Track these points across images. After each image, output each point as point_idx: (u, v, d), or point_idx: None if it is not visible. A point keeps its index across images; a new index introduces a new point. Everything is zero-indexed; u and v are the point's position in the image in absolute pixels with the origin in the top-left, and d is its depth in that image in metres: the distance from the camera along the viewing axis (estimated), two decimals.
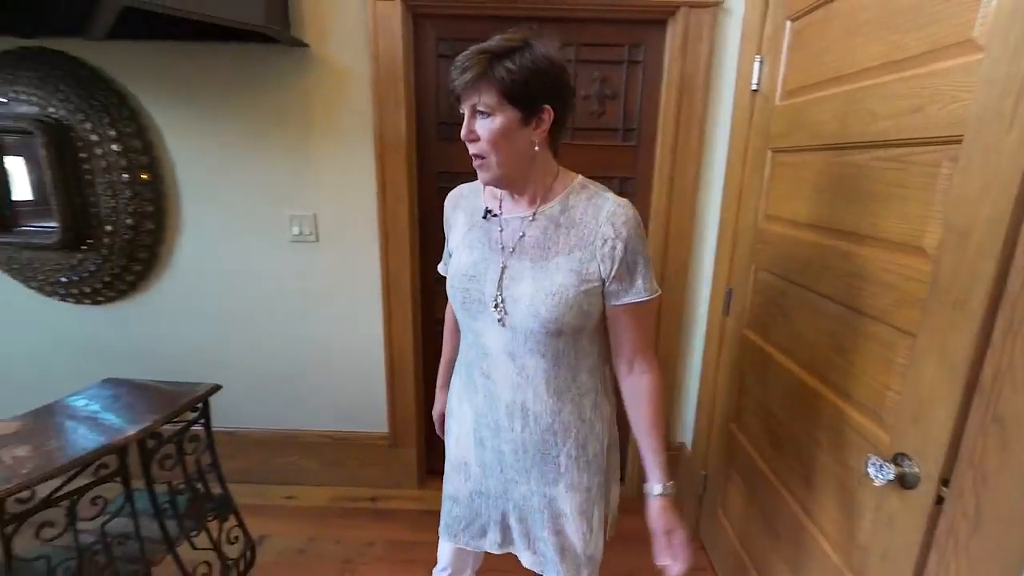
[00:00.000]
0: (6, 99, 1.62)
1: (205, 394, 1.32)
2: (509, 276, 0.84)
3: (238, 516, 1.46)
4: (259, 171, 1.74)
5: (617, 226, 0.80)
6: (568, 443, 0.90)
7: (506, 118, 0.76)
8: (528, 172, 0.82)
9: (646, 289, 0.83)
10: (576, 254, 0.81)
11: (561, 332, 0.82)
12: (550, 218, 0.84)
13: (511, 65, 0.74)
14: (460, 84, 0.76)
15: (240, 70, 1.66)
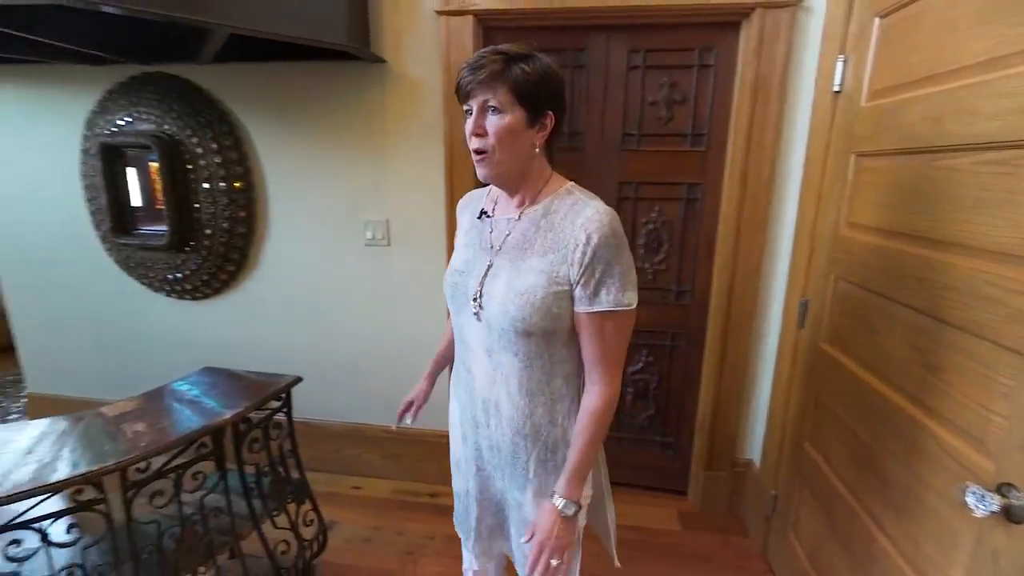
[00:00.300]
0: (131, 118, 1.85)
1: (287, 385, 1.43)
2: (491, 274, 0.87)
3: (313, 501, 1.56)
4: (338, 179, 1.87)
5: (589, 231, 0.79)
6: (537, 447, 0.90)
7: (515, 117, 0.79)
8: (524, 173, 0.85)
9: (610, 301, 0.80)
10: (549, 256, 0.82)
11: (531, 333, 0.83)
12: (532, 220, 0.86)
13: (526, 67, 0.78)
14: (475, 80, 0.78)
15: (323, 86, 1.80)
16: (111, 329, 2.20)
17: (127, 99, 1.86)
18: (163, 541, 1.19)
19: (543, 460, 0.91)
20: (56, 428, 1.18)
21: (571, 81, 1.73)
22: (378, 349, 2.02)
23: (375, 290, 1.95)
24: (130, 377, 2.17)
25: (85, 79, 1.93)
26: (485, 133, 0.80)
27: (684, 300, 1.85)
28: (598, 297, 0.80)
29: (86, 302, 2.19)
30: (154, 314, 2.13)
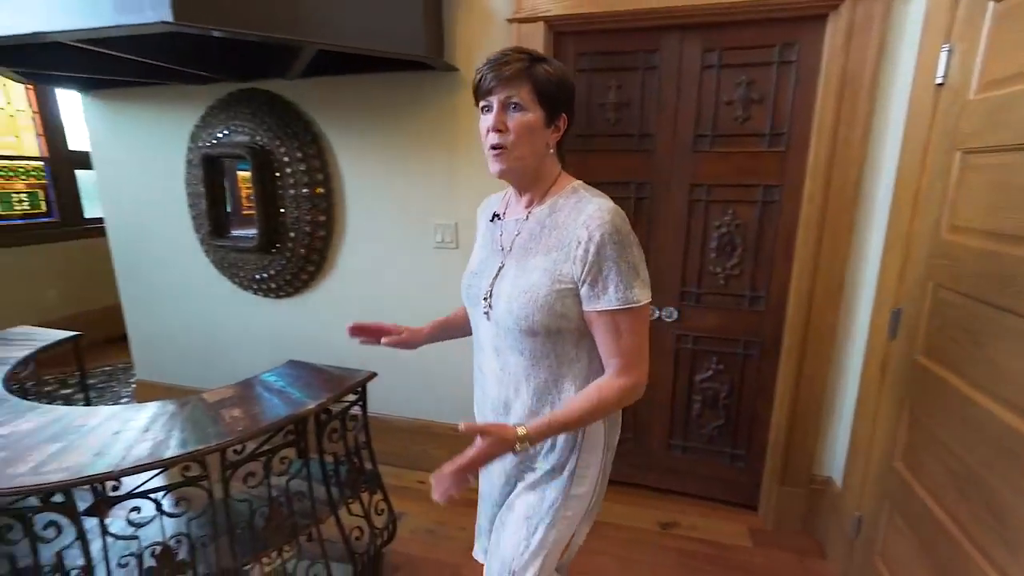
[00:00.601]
0: (228, 131, 2.03)
1: (364, 380, 1.51)
2: (502, 274, 0.89)
3: (384, 491, 1.63)
4: (411, 184, 1.95)
5: (591, 228, 0.79)
6: (545, 447, 0.90)
7: (535, 116, 0.81)
8: (537, 171, 0.87)
9: (618, 298, 0.79)
10: (553, 255, 0.83)
11: (535, 332, 0.83)
12: (538, 220, 0.87)
13: (548, 68, 0.81)
14: (500, 76, 0.79)
15: (398, 95, 1.88)
16: (207, 323, 2.41)
17: (225, 114, 2.04)
18: (254, 519, 1.29)
19: (552, 464, 0.91)
20: (166, 410, 1.31)
21: (641, 83, 1.71)
22: (446, 349, 2.07)
23: (443, 291, 2.01)
24: (222, 367, 2.38)
25: (191, 97, 2.14)
26: (505, 129, 0.81)
27: (758, 306, 1.77)
28: (606, 294, 0.80)
29: (187, 299, 2.42)
30: (243, 311, 2.32)
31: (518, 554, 0.90)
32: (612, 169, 1.79)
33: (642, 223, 1.81)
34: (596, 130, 1.79)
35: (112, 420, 1.25)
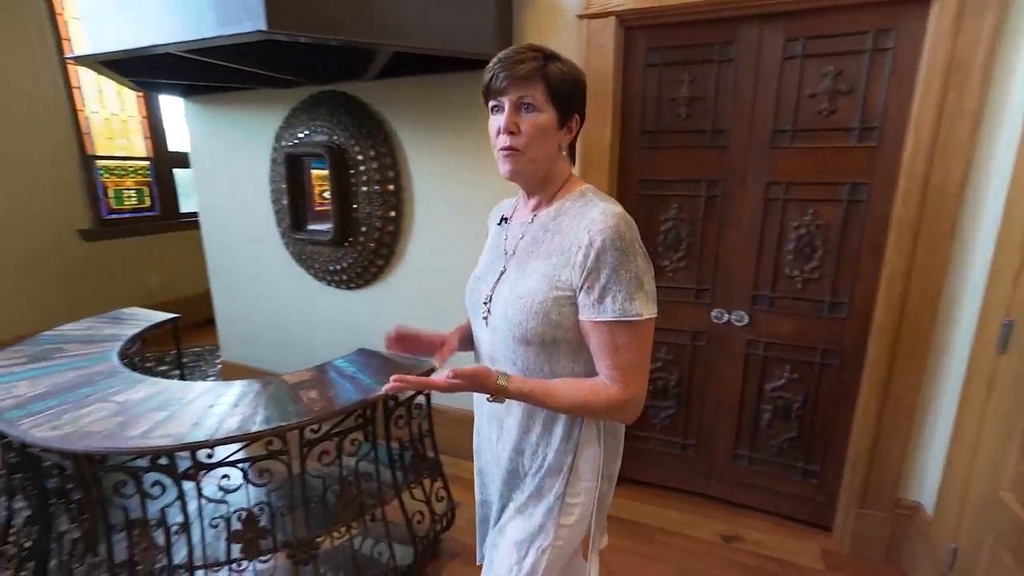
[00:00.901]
0: (309, 131, 2.16)
1: (428, 371, 1.55)
2: (503, 278, 0.86)
3: (444, 479, 1.68)
4: (476, 182, 1.99)
5: (592, 233, 0.75)
6: (534, 467, 0.86)
7: (548, 116, 0.78)
8: (547, 173, 0.84)
9: (616, 310, 0.74)
10: (553, 259, 0.79)
11: (528, 340, 0.80)
12: (543, 223, 0.84)
13: (562, 67, 0.78)
14: (514, 75, 0.75)
15: (466, 94, 1.92)
16: (285, 311, 2.59)
17: (307, 115, 2.17)
18: (326, 495, 1.37)
19: (537, 484, 0.85)
20: (252, 389, 1.42)
21: (716, 77, 1.64)
22: None
23: None
24: (297, 352, 2.54)
25: (276, 100, 2.30)
26: (518, 130, 0.78)
27: (839, 313, 1.65)
28: (603, 304, 0.75)
29: (268, 287, 2.61)
30: (318, 300, 2.46)
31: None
32: (682, 166, 1.74)
33: (712, 222, 1.74)
34: (665, 126, 1.74)
35: (206, 395, 1.37)
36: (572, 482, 0.85)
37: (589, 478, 0.86)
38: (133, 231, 3.76)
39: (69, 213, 3.39)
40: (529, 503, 0.86)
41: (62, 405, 1.30)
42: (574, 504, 0.85)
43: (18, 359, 1.62)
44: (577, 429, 0.84)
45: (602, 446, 0.87)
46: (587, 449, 0.85)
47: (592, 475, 0.86)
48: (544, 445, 0.85)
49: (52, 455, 1.23)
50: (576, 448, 0.84)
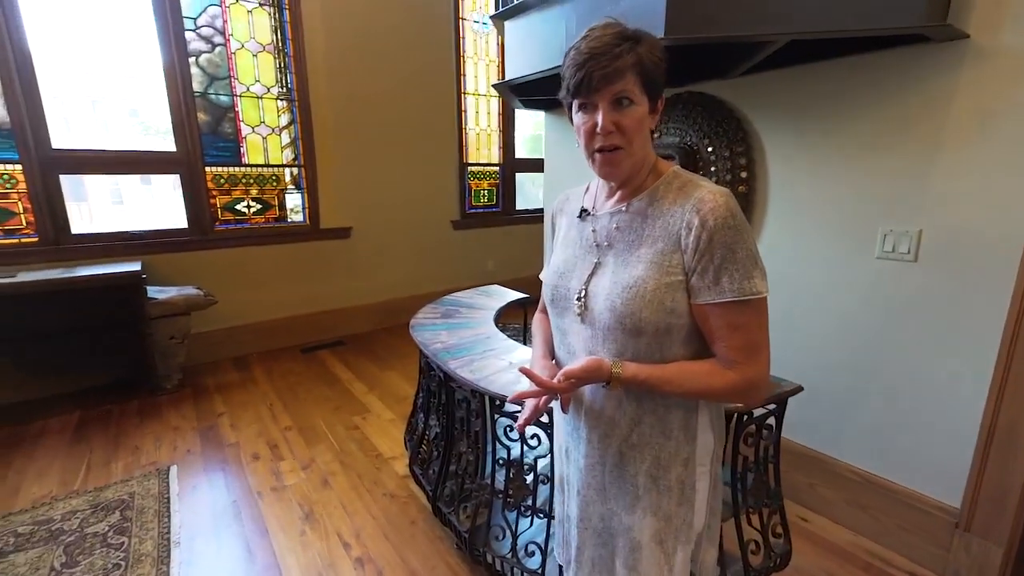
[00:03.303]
0: (659, 133, 2.23)
1: (788, 392, 1.40)
2: (599, 271, 0.81)
3: (783, 515, 1.50)
4: (855, 184, 1.68)
5: (703, 213, 0.71)
6: (647, 461, 0.82)
7: (644, 107, 0.75)
8: (644, 162, 0.79)
9: (735, 289, 0.71)
10: (659, 245, 0.75)
11: (640, 331, 0.75)
12: (638, 211, 0.79)
13: (652, 49, 0.73)
14: (609, 73, 0.71)
15: (858, 81, 1.63)
16: None
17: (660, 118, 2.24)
18: None
19: (654, 477, 0.82)
20: None
21: None
22: (873, 380, 1.74)
23: (881, 313, 1.67)
24: None
25: None
26: (617, 128, 0.73)
27: None
28: (719, 285, 0.72)
29: None
30: None
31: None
32: None
33: None
34: None
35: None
36: (696, 468, 0.83)
37: (705, 462, 0.84)
38: (481, 223, 4.69)
39: (447, 207, 4.45)
40: (659, 500, 0.82)
41: (471, 355, 1.68)
42: (699, 491, 0.84)
43: (435, 315, 2.19)
44: (694, 416, 0.82)
45: (714, 432, 0.85)
46: (704, 436, 0.83)
47: (708, 459, 0.85)
48: (659, 435, 0.81)
49: (466, 392, 1.61)
50: (695, 437, 0.82)
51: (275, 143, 3.49)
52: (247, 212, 3.45)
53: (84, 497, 1.98)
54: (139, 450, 2.34)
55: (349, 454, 2.32)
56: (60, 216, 2.81)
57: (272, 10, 3.34)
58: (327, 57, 3.52)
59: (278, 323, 3.62)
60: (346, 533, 1.82)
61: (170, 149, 3.12)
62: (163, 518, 1.87)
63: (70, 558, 1.67)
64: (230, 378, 3.16)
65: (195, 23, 3.10)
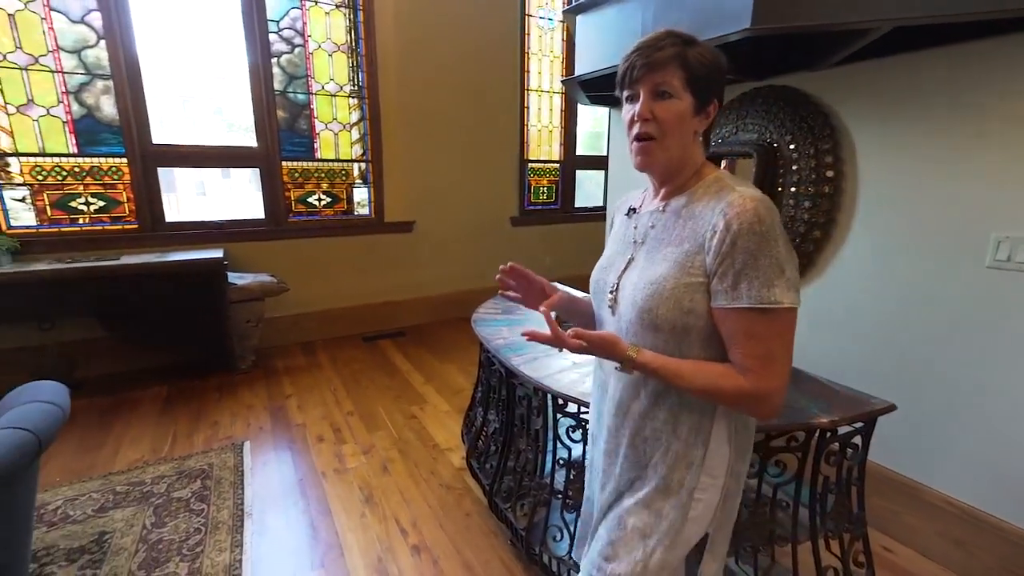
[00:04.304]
0: (735, 129, 2.12)
1: (880, 411, 1.28)
2: (631, 266, 0.84)
3: (866, 543, 1.39)
4: (962, 186, 1.52)
5: (729, 216, 0.71)
6: (656, 456, 0.83)
7: (685, 103, 0.76)
8: (682, 161, 0.80)
9: (752, 296, 0.70)
10: (685, 245, 0.76)
11: (658, 327, 0.77)
12: (675, 210, 0.81)
13: (702, 52, 0.76)
14: (652, 62, 0.74)
15: (974, 70, 1.47)
16: None
17: (736, 113, 2.13)
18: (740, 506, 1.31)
19: (659, 474, 0.83)
20: None
21: None
22: (975, 401, 1.57)
23: (990, 327, 1.51)
24: None
25: None
26: (653, 117, 0.76)
27: None
28: (737, 291, 0.70)
29: None
30: None
31: (635, 572, 0.83)
32: None
33: None
34: None
35: None
36: (702, 479, 0.82)
37: (718, 474, 0.83)
38: (540, 220, 4.67)
39: (506, 203, 4.47)
40: (657, 497, 0.83)
41: (533, 352, 1.67)
42: (700, 501, 0.82)
43: (496, 311, 2.20)
44: (708, 422, 0.81)
45: (732, 444, 0.83)
46: (718, 445, 0.82)
47: (720, 471, 0.83)
48: (669, 433, 0.82)
49: (528, 389, 1.60)
50: (707, 443, 0.81)
51: (345, 139, 3.64)
52: (318, 205, 3.62)
53: (170, 464, 2.16)
54: (217, 424, 2.51)
55: (407, 443, 2.38)
56: (157, 205, 3.07)
57: (347, 11, 3.47)
58: (397, 56, 3.62)
59: (342, 312, 3.77)
60: (403, 519, 1.87)
61: (251, 144, 3.32)
62: (237, 489, 2.00)
63: (159, 519, 1.82)
64: (298, 362, 3.33)
65: (278, 25, 3.28)
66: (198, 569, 1.60)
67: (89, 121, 2.83)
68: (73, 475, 2.07)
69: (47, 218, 2.81)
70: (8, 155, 2.68)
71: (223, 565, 1.62)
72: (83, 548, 1.68)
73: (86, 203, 2.89)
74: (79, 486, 2.00)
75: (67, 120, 2.78)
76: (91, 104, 2.83)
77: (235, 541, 1.72)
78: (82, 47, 2.76)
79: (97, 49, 2.78)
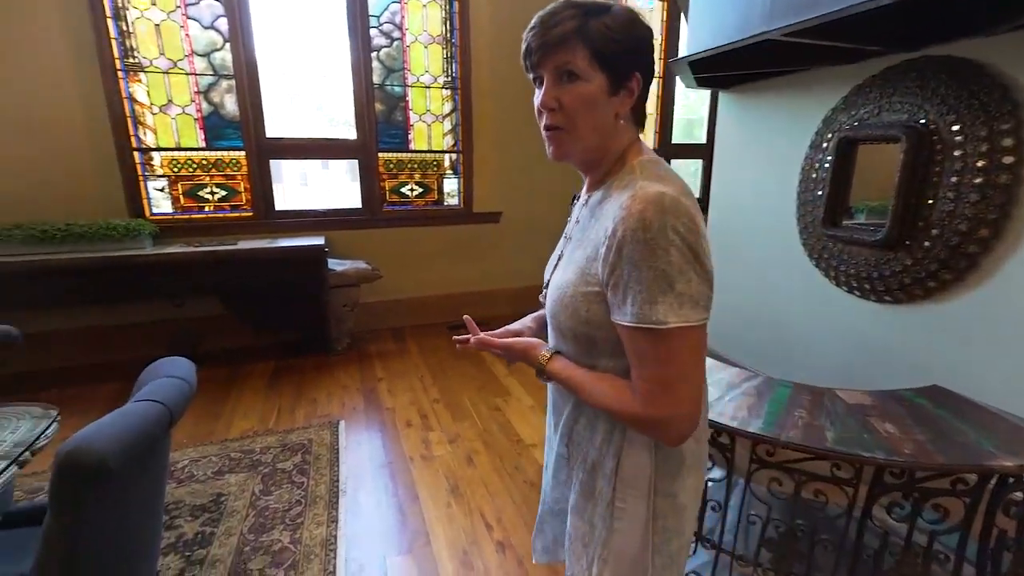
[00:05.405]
0: (877, 110, 1.83)
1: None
2: (559, 265, 0.79)
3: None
4: None
5: (617, 220, 0.62)
6: (578, 459, 0.80)
7: (595, 84, 0.66)
8: (604, 149, 0.71)
9: (634, 313, 0.62)
10: (588, 251, 0.69)
11: (564, 334, 0.74)
12: (591, 206, 0.73)
13: (607, 22, 0.65)
14: (548, 41, 0.65)
15: None
16: (781, 309, 2.43)
17: (878, 91, 1.84)
18: (884, 552, 1.12)
19: (583, 480, 0.79)
20: (801, 395, 1.31)
21: None
22: None
23: None
24: (788, 356, 2.35)
25: (829, 81, 2.07)
26: (559, 106, 0.67)
27: None
28: (624, 306, 0.63)
29: (765, 280, 2.51)
30: (829, 306, 2.17)
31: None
32: None
33: None
34: None
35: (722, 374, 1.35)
36: (619, 487, 0.74)
37: (639, 486, 0.74)
38: None
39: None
40: (585, 505, 0.79)
41: None
42: (622, 508, 0.75)
43: None
44: (618, 430, 0.74)
45: (652, 455, 0.73)
46: (632, 453, 0.73)
47: (640, 487, 0.74)
48: (587, 439, 0.78)
49: None
50: (619, 451, 0.74)
51: (438, 130, 3.69)
52: (410, 195, 3.72)
53: (276, 436, 2.31)
54: (316, 402, 2.67)
55: (491, 434, 2.37)
56: (268, 195, 3.31)
57: (443, 2, 3.50)
58: (490, 46, 3.59)
59: (430, 300, 3.86)
60: (488, 514, 1.85)
61: (351, 137, 3.47)
62: (333, 466, 2.09)
63: (266, 487, 1.95)
64: (388, 347, 3.46)
65: (378, 20, 3.38)
66: (299, 539, 1.69)
67: (215, 118, 3.11)
68: (196, 439, 2.29)
69: (180, 206, 3.14)
70: (152, 150, 3.01)
71: (320, 539, 1.69)
72: (203, 507, 1.84)
73: (211, 192, 3.19)
74: (201, 448, 2.20)
75: (197, 117, 3.06)
76: (217, 102, 3.09)
77: (331, 517, 1.80)
78: (211, 50, 3.02)
79: (223, 52, 3.03)
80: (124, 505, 0.94)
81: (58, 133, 2.74)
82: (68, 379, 2.86)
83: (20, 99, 2.63)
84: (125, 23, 2.81)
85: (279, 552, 1.63)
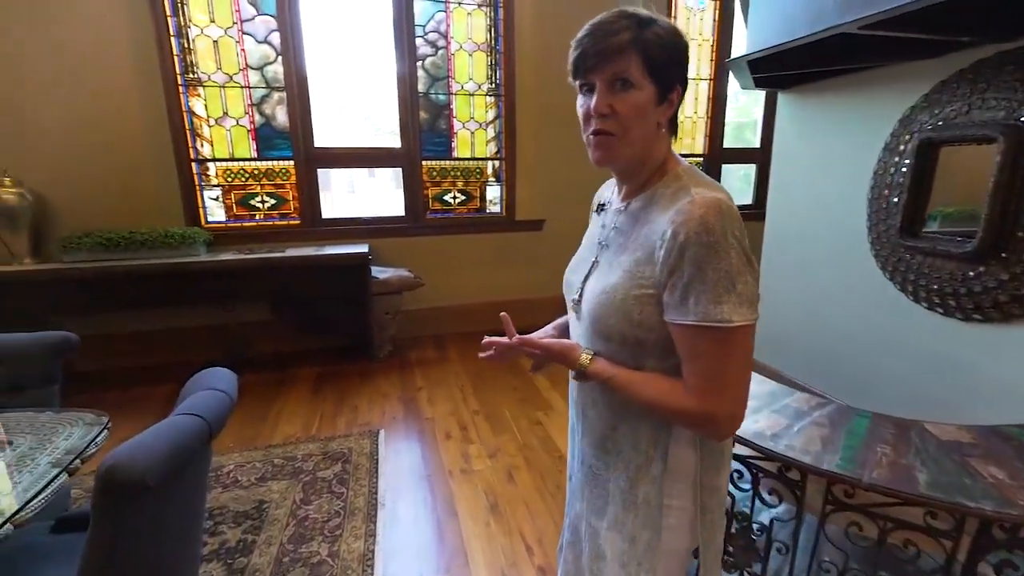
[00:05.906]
0: (967, 108, 1.65)
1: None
2: (594, 271, 0.80)
3: None
4: None
5: (677, 224, 0.64)
6: (618, 469, 0.79)
7: (646, 93, 0.68)
8: (643, 158, 0.72)
9: (698, 313, 0.63)
10: (637, 254, 0.71)
11: (610, 337, 0.74)
12: (633, 212, 0.75)
13: (660, 32, 0.67)
14: (606, 48, 0.66)
15: None
16: (845, 321, 2.24)
17: (968, 87, 1.66)
18: None
19: (623, 489, 0.78)
20: (883, 428, 1.17)
21: None
22: None
23: None
24: (849, 375, 2.16)
25: (906, 78, 1.89)
26: (612, 112, 0.68)
27: None
28: (685, 306, 0.65)
29: (828, 289, 2.32)
30: (904, 322, 1.97)
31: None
32: None
33: None
34: None
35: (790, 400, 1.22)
36: (667, 486, 0.75)
37: (687, 482, 0.75)
38: None
39: None
40: (625, 517, 0.77)
41: None
42: (669, 506, 0.76)
43: None
44: (664, 431, 0.75)
45: (698, 451, 0.75)
46: (679, 451, 0.75)
47: (686, 482, 0.75)
48: (630, 444, 0.77)
49: None
50: (666, 452, 0.75)
51: (481, 138, 3.67)
52: (453, 202, 3.71)
53: (317, 443, 2.33)
54: (357, 409, 2.67)
55: (532, 450, 2.30)
56: (316, 203, 3.38)
57: (488, 10, 3.49)
58: (534, 53, 3.55)
59: (471, 308, 3.84)
60: (528, 535, 1.77)
61: (396, 146, 3.50)
62: (372, 478, 2.08)
63: (306, 496, 1.95)
64: (429, 355, 3.45)
65: (424, 29, 3.41)
66: (336, 552, 1.67)
67: (267, 129, 3.21)
68: (242, 443, 2.33)
69: (233, 214, 3.25)
70: (208, 160, 3.14)
71: (358, 553, 1.67)
72: (246, 513, 1.85)
73: (262, 201, 3.29)
74: (247, 454, 2.24)
75: (250, 129, 3.17)
76: (269, 114, 3.19)
77: (369, 531, 1.77)
78: (264, 64, 3.12)
79: (275, 65, 3.13)
80: (162, 516, 0.94)
81: (124, 147, 2.90)
82: (128, 380, 3.00)
83: (91, 116, 2.81)
84: (187, 40, 2.94)
85: (317, 565, 1.61)
